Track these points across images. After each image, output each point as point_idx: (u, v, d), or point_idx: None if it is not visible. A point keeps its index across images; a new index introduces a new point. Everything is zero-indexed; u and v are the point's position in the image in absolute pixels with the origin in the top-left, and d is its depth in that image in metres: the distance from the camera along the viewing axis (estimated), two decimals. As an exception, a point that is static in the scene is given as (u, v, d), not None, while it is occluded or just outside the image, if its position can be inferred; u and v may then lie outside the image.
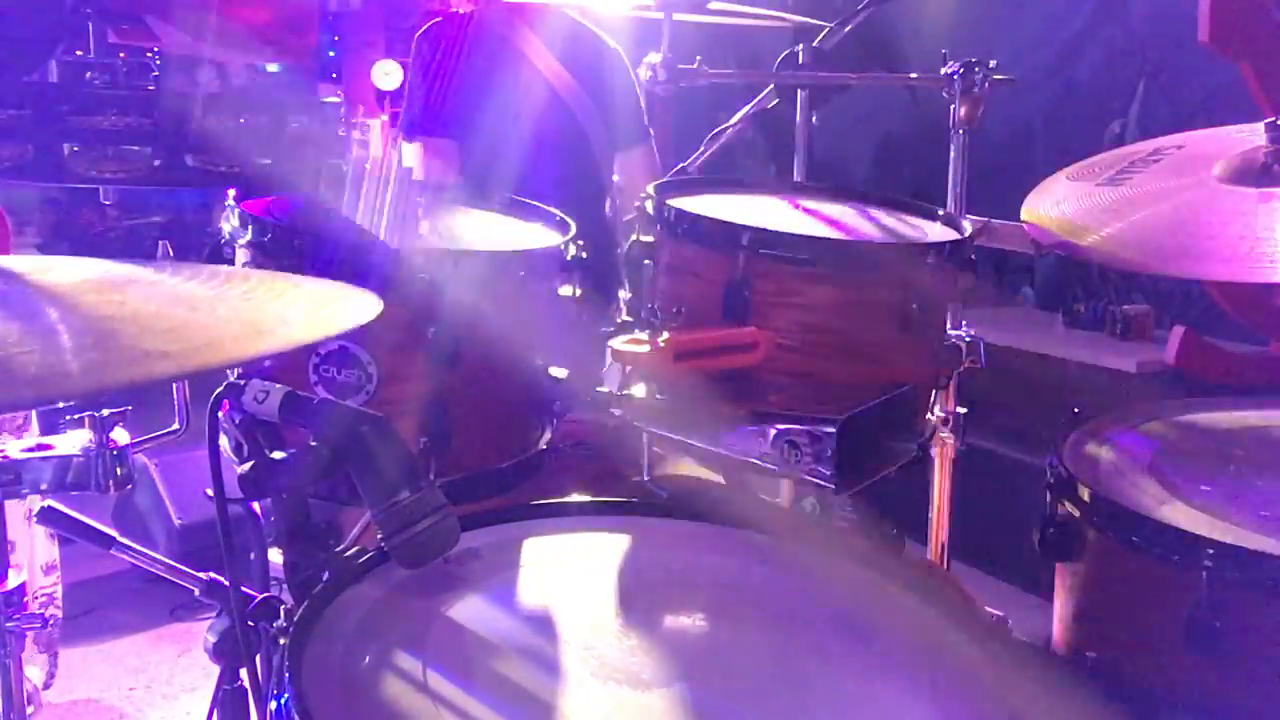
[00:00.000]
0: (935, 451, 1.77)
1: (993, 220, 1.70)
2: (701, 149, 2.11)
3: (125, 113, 1.52)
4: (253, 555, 1.27)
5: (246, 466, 1.10)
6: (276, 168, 1.59)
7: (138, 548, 1.29)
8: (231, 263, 1.39)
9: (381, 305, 1.03)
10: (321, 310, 1.00)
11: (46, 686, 2.50)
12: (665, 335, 1.36)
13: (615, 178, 2.88)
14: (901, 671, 1.04)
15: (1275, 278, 1.23)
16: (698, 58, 1.84)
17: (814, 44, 1.92)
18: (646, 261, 1.48)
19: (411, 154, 2.83)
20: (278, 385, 1.09)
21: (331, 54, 6.44)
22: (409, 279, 1.29)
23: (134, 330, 0.84)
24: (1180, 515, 1.26)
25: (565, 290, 1.46)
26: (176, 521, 3.48)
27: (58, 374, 0.75)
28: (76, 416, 1.15)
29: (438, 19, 2.78)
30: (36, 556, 2.16)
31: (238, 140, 1.56)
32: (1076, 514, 1.32)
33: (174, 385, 1.59)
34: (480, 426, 1.40)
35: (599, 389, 1.51)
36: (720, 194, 1.65)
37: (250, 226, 1.36)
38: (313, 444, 1.06)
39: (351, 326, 0.98)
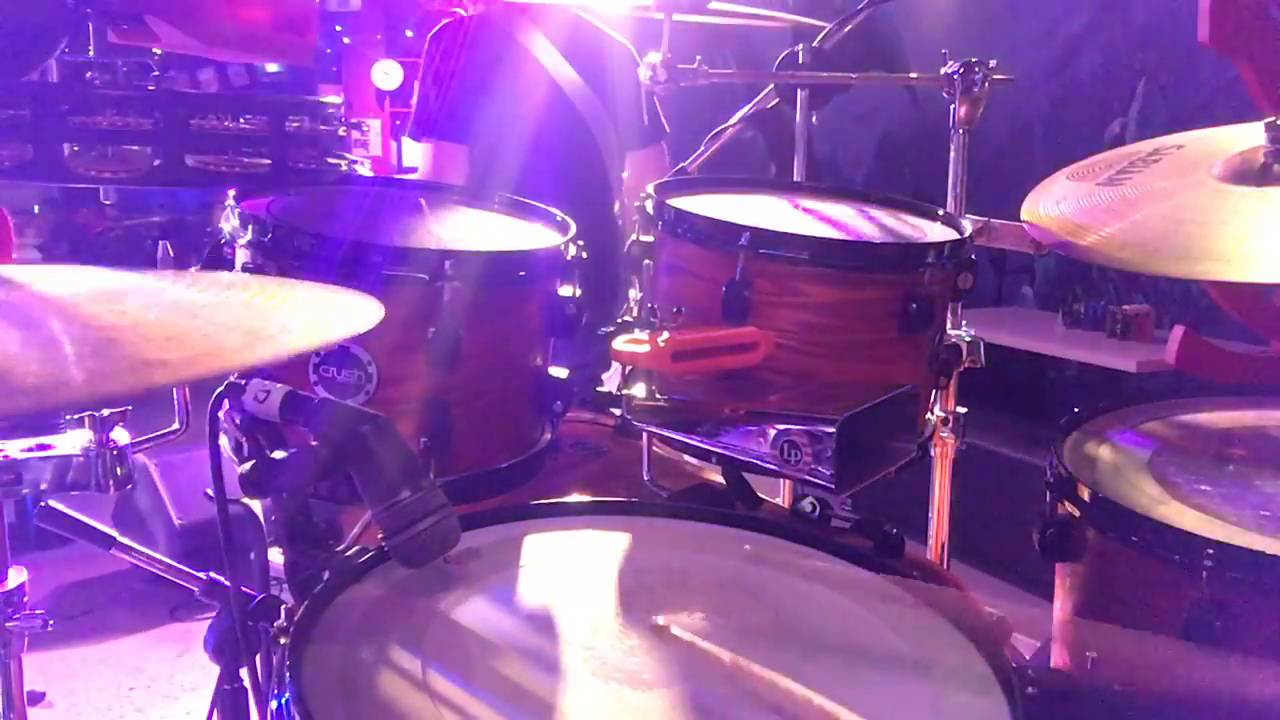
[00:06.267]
0: (935, 451, 1.77)
1: (993, 220, 1.70)
2: (701, 149, 2.10)
3: (125, 113, 1.52)
4: (253, 555, 1.27)
5: (246, 466, 1.11)
6: (276, 168, 1.59)
7: (138, 548, 1.29)
8: (232, 263, 1.39)
9: (382, 310, 1.03)
10: (322, 316, 1.00)
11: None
12: (665, 335, 1.36)
13: (624, 174, 2.88)
14: (900, 672, 1.04)
15: (1275, 278, 1.23)
16: (698, 58, 1.84)
17: (814, 44, 1.91)
18: (646, 261, 1.48)
19: (419, 155, 2.84)
20: (278, 385, 1.09)
21: (331, 53, 6.46)
22: (409, 279, 1.29)
23: (134, 339, 0.84)
24: (1180, 515, 1.26)
25: (565, 290, 1.46)
26: (176, 521, 3.48)
27: (59, 383, 0.75)
28: (76, 416, 1.16)
29: (447, 20, 2.78)
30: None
31: (238, 140, 1.56)
32: (1076, 514, 1.32)
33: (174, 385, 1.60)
34: (480, 426, 1.40)
35: (599, 389, 1.52)
36: (720, 194, 1.64)
37: (250, 226, 1.35)
38: (313, 444, 1.06)
39: (352, 333, 0.98)
